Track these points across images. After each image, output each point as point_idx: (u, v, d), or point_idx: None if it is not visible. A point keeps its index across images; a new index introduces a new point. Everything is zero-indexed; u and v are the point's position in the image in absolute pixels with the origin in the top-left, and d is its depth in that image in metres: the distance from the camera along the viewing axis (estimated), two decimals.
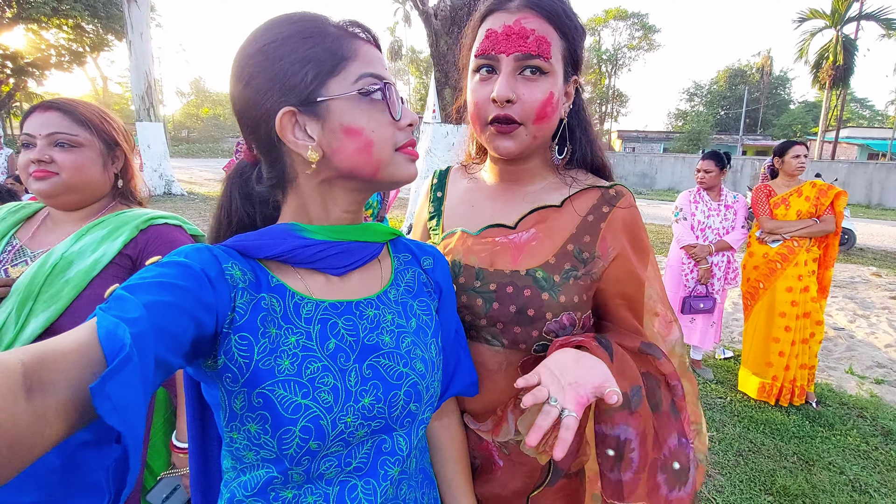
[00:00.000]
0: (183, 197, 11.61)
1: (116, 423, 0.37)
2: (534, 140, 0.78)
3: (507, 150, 0.78)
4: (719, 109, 42.48)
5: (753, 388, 3.09)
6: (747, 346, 3.20)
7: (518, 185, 0.87)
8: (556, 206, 0.83)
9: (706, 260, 3.23)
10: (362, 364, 0.61)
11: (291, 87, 0.57)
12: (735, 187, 18.59)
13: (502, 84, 0.73)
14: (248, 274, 0.58)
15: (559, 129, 0.82)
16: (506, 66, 0.74)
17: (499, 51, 0.74)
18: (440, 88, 5.36)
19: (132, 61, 11.25)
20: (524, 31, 0.73)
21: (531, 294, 0.77)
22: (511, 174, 0.87)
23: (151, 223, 1.11)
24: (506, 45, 0.73)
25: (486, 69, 0.77)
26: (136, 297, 0.45)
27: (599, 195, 0.82)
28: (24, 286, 0.97)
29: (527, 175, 0.86)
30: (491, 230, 0.85)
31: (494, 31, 0.75)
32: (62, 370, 0.38)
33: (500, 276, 0.80)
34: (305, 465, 0.57)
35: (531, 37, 0.73)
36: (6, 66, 19.56)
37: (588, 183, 0.84)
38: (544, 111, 0.75)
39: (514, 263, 0.80)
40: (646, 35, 42.49)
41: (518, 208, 0.85)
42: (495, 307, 0.79)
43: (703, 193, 3.33)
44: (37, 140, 1.03)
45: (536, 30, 0.73)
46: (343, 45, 0.59)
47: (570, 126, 0.84)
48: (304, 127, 0.58)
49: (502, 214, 0.86)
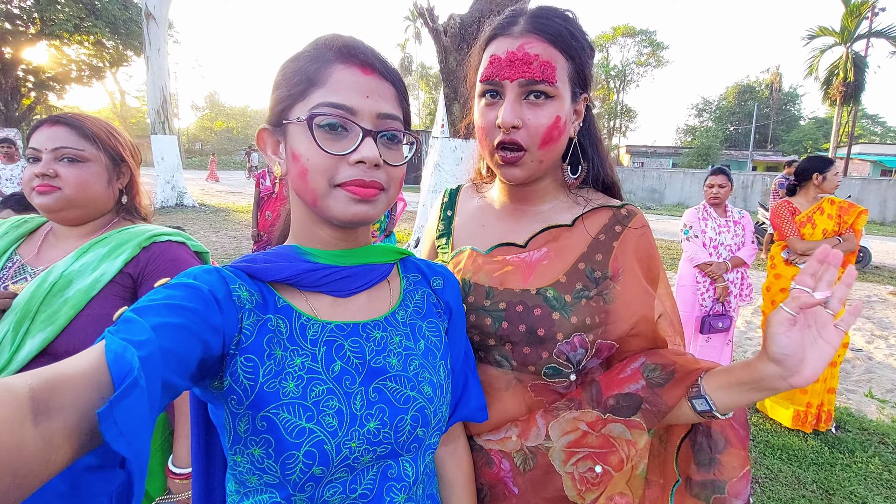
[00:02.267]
0: (194, 208, 11.74)
1: (122, 448, 0.37)
2: (540, 165, 0.77)
3: (514, 178, 0.78)
4: (728, 125, 42.40)
5: (787, 416, 2.93)
6: None
7: (528, 205, 0.86)
8: (568, 226, 0.82)
9: (723, 278, 3.16)
10: (368, 387, 0.60)
11: (271, 107, 0.62)
12: (745, 203, 18.44)
13: (507, 110, 0.73)
14: (256, 295, 0.58)
15: (570, 148, 0.82)
16: (510, 93, 0.73)
17: (502, 77, 0.73)
18: (449, 104, 5.39)
19: (149, 76, 11.52)
20: (528, 58, 0.72)
21: (541, 313, 0.76)
22: (521, 194, 0.86)
23: (154, 240, 1.09)
24: (509, 71, 0.72)
25: (491, 94, 0.76)
26: (145, 319, 0.45)
27: (611, 214, 0.82)
28: (22, 305, 0.95)
29: (537, 195, 0.85)
30: (501, 249, 0.84)
31: (498, 56, 0.74)
32: (70, 394, 0.38)
33: (511, 294, 0.78)
34: (309, 491, 0.55)
35: (535, 62, 0.72)
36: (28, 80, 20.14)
37: (599, 202, 0.83)
38: (550, 136, 0.74)
39: (525, 282, 0.79)
40: (654, 51, 42.80)
41: (528, 227, 0.84)
42: (505, 326, 0.77)
43: (711, 210, 3.28)
44: (42, 154, 1.02)
45: (541, 55, 0.72)
46: (319, 70, 0.58)
47: (581, 144, 0.83)
48: (280, 144, 0.62)
49: (512, 233, 0.85)
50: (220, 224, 9.66)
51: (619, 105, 44.99)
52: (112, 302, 1.02)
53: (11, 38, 18.33)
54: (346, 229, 0.64)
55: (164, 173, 11.64)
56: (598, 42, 43.67)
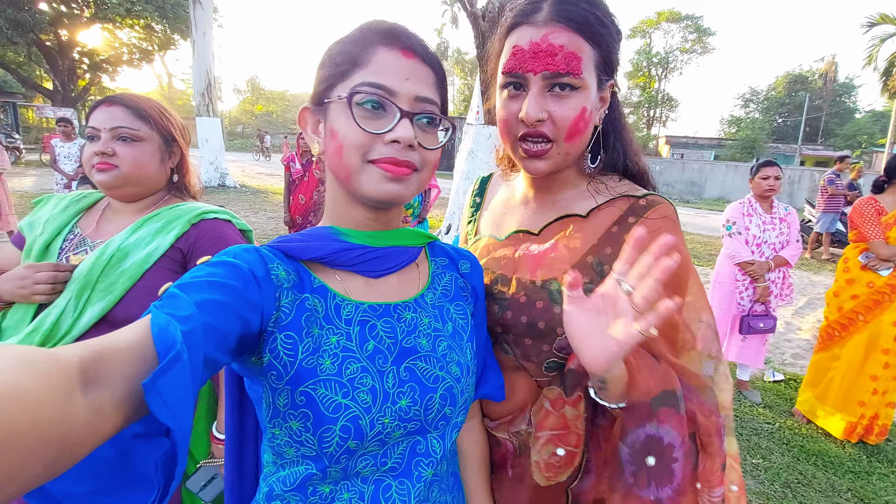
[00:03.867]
0: (235, 189, 12.11)
1: (166, 418, 0.38)
2: (566, 157, 0.75)
3: (538, 171, 0.75)
4: (776, 117, 40.27)
5: (838, 427, 2.79)
6: (833, 381, 2.86)
7: (548, 193, 0.85)
8: (582, 217, 0.79)
9: (764, 278, 3.03)
10: (400, 366, 0.62)
11: (314, 87, 0.64)
12: (791, 199, 17.57)
13: (531, 104, 0.70)
14: (293, 274, 0.60)
15: (593, 137, 0.79)
16: (534, 86, 0.70)
17: (526, 70, 0.70)
18: (484, 89, 5.34)
19: (195, 59, 11.87)
20: (552, 49, 0.68)
21: (543, 307, 0.75)
22: (542, 182, 0.84)
23: (203, 217, 1.14)
24: (533, 63, 0.69)
25: (514, 86, 0.74)
26: (188, 295, 0.47)
27: (629, 205, 0.77)
28: (83, 276, 1.02)
29: (558, 183, 0.83)
30: (516, 236, 0.84)
31: (521, 47, 0.70)
32: (117, 366, 0.39)
33: (518, 284, 0.78)
34: (343, 463, 0.58)
35: (560, 54, 0.68)
36: (83, 62, 21.09)
37: (620, 191, 0.79)
38: (576, 128, 0.71)
39: (532, 274, 0.78)
40: (699, 38, 40.89)
41: (545, 216, 0.83)
42: (507, 316, 0.78)
43: (757, 205, 3.12)
44: (101, 133, 1.08)
45: (566, 45, 0.68)
46: (362, 52, 0.60)
47: (604, 132, 0.80)
48: (320, 124, 0.64)
49: (529, 221, 0.85)
50: (259, 205, 9.94)
51: (660, 93, 43.37)
52: (164, 275, 1.08)
53: (67, 20, 19.20)
54: (379, 210, 0.65)
55: (208, 154, 12.03)
56: (640, 27, 42.05)
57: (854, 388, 2.77)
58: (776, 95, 40.86)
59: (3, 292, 1.04)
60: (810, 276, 7.12)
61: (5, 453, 0.28)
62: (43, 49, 19.46)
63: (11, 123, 20.87)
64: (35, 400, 0.31)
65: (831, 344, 2.92)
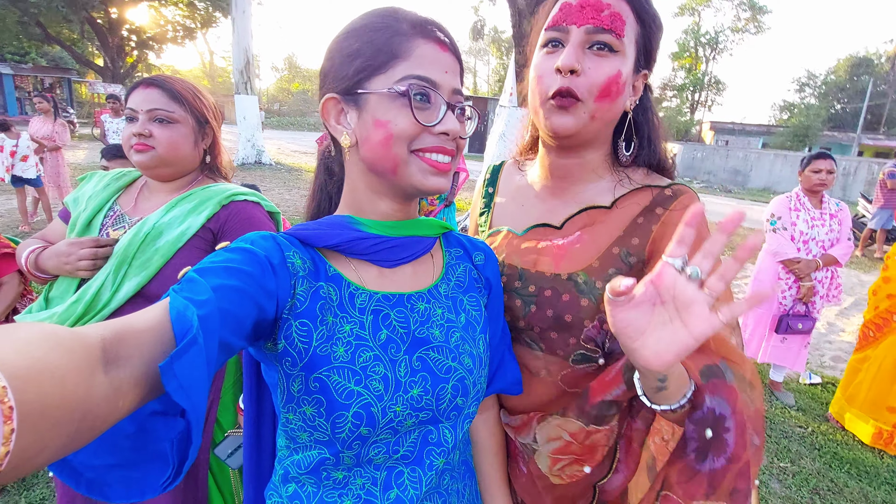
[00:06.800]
0: (271, 167, 12.36)
1: (182, 399, 0.40)
2: (592, 120, 0.73)
3: (563, 126, 0.73)
4: (834, 102, 37.71)
5: (867, 432, 2.70)
6: (862, 384, 2.76)
7: (569, 183, 0.82)
8: (606, 208, 0.77)
9: (810, 277, 2.87)
10: (412, 356, 0.63)
11: (341, 76, 0.62)
12: (844, 193, 16.55)
13: (569, 53, 0.70)
14: (308, 262, 0.61)
15: (624, 125, 0.78)
16: (575, 38, 0.71)
17: (570, 21, 0.71)
18: (519, 70, 5.21)
19: (234, 37, 12.06)
20: (599, 4, 0.70)
21: (570, 299, 0.74)
22: (563, 170, 0.81)
23: (233, 199, 1.18)
24: (578, 16, 0.71)
25: (553, 43, 0.74)
26: (206, 280, 0.48)
27: (653, 195, 0.75)
28: (121, 252, 1.08)
29: (579, 171, 0.81)
30: (537, 230, 0.82)
31: (569, 3, 0.72)
32: (137, 346, 0.40)
33: (541, 278, 0.77)
34: (356, 449, 0.59)
35: (606, 11, 0.70)
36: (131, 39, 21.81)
37: (643, 182, 0.78)
38: (609, 88, 0.71)
39: (556, 267, 0.77)
40: (754, 16, 38.41)
41: (566, 209, 0.81)
42: (533, 310, 0.77)
43: (805, 200, 2.94)
44: (139, 115, 1.12)
45: (613, 5, 0.70)
46: (401, 43, 0.60)
47: (636, 123, 0.79)
48: (346, 114, 0.63)
49: (550, 214, 0.83)
50: (293, 182, 10.14)
51: (706, 76, 41.25)
52: (195, 253, 1.12)
53: None
54: (407, 201, 0.66)
55: (246, 132, 12.29)
56: (689, 5, 39.85)
57: (885, 392, 2.65)
58: (836, 80, 38.16)
59: (49, 267, 1.11)
60: (860, 275, 6.73)
61: (36, 426, 0.30)
62: (94, 26, 20.21)
63: (67, 98, 21.93)
64: (62, 376, 0.32)
65: (866, 344, 2.80)
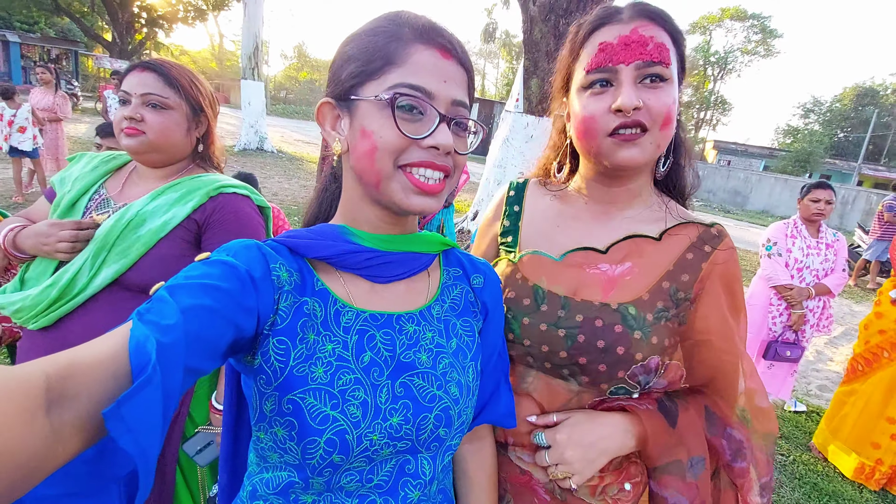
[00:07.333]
0: (273, 154, 12.29)
1: (129, 445, 0.36)
2: (657, 150, 0.73)
3: (632, 159, 0.72)
4: (838, 131, 37.89)
5: (849, 466, 2.70)
6: (848, 417, 2.75)
7: (612, 207, 0.81)
8: (655, 239, 0.77)
9: (802, 305, 2.87)
10: (395, 381, 0.59)
11: (338, 80, 0.60)
12: (842, 221, 16.65)
13: (627, 93, 0.69)
14: (295, 275, 0.57)
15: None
16: (626, 76, 0.70)
17: (617, 61, 0.70)
18: (527, 77, 5.19)
19: (245, 21, 12.00)
20: (643, 39, 0.70)
21: (622, 331, 0.71)
22: (609, 194, 0.81)
23: (222, 191, 1.14)
24: (625, 54, 0.70)
25: (600, 83, 0.72)
26: (176, 300, 0.45)
27: (700, 232, 0.77)
28: (102, 237, 1.05)
29: (626, 196, 0.80)
30: (578, 254, 0.78)
31: (609, 42, 0.71)
32: (85, 384, 0.37)
33: (588, 308, 0.74)
34: (327, 476, 0.56)
35: (650, 44, 0.70)
36: (142, 16, 21.64)
37: (687, 217, 0.80)
38: (670, 117, 0.71)
39: (605, 296, 0.74)
40: (764, 39, 38.64)
41: (610, 233, 0.79)
42: (580, 340, 0.73)
43: (803, 228, 2.94)
44: (132, 98, 1.09)
45: (655, 37, 0.70)
46: (397, 49, 0.56)
47: (676, 137, 0.79)
48: (340, 120, 0.61)
49: (591, 237, 0.80)
50: (294, 172, 10.08)
51: (713, 94, 41.40)
52: (178, 244, 1.09)
53: None
54: (401, 215, 0.62)
55: (249, 118, 12.22)
56: (700, 23, 40.02)
57: (870, 428, 2.65)
58: (841, 108, 38.39)
59: (27, 247, 1.07)
60: (851, 304, 6.76)
61: None
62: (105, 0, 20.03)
63: (72, 71, 21.75)
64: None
65: (854, 378, 2.79)
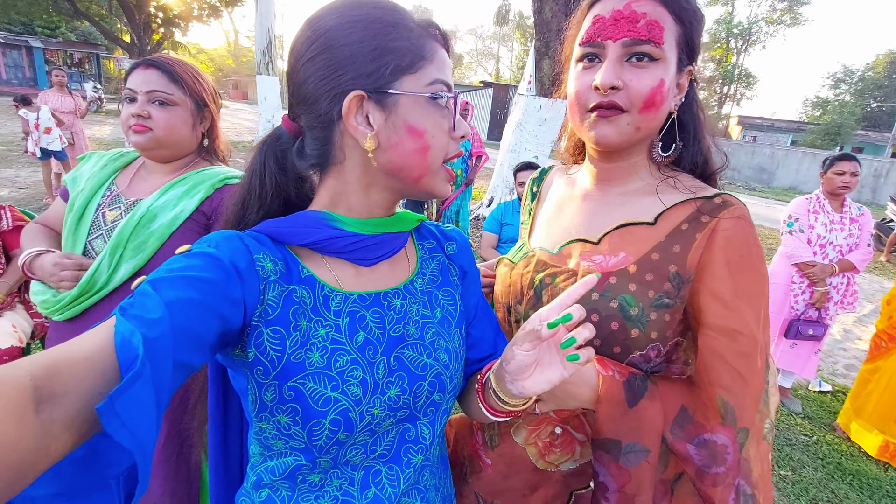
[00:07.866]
0: None
1: (125, 440, 0.36)
2: (636, 132, 0.70)
3: (605, 138, 0.70)
4: (871, 100, 36.19)
5: (873, 444, 2.64)
6: (871, 395, 2.69)
7: (610, 185, 0.79)
8: (650, 224, 0.72)
9: (825, 282, 2.79)
10: (389, 356, 0.62)
11: (368, 72, 0.56)
12: (874, 195, 16.00)
13: (607, 70, 0.68)
14: (280, 264, 0.57)
15: (667, 124, 0.74)
16: (612, 53, 0.68)
17: (605, 37, 0.69)
18: (539, 58, 5.10)
19: (257, 17, 12.05)
20: (634, 15, 0.67)
21: (618, 327, 0.69)
22: (607, 173, 0.79)
23: (227, 182, 1.18)
24: (613, 30, 0.68)
25: (589, 58, 0.72)
26: (160, 294, 0.44)
27: (698, 206, 0.70)
28: (116, 234, 1.09)
29: (624, 172, 0.77)
30: (573, 246, 0.78)
31: (602, 16, 0.70)
32: (74, 380, 0.37)
33: (585, 301, 0.72)
34: (333, 453, 0.59)
35: (641, 21, 0.67)
36: (158, 16, 21.95)
37: (689, 194, 0.72)
38: (652, 99, 0.68)
39: (599, 289, 0.72)
40: (791, 7, 36.89)
41: (604, 220, 0.76)
42: None
43: (826, 203, 2.84)
44: (138, 95, 1.12)
45: (649, 13, 0.67)
46: (424, 44, 0.58)
47: (681, 122, 0.75)
48: (366, 114, 0.57)
49: (585, 227, 0.78)
50: None
51: (737, 68, 39.91)
52: (190, 236, 1.13)
53: None
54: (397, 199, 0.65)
55: (266, 112, 12.34)
56: None
57: (894, 405, 2.58)
58: (874, 76, 36.54)
59: (38, 275, 1.12)
60: (882, 281, 6.53)
61: None
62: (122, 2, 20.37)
63: (95, 74, 22.27)
64: None
65: (878, 355, 2.72)
